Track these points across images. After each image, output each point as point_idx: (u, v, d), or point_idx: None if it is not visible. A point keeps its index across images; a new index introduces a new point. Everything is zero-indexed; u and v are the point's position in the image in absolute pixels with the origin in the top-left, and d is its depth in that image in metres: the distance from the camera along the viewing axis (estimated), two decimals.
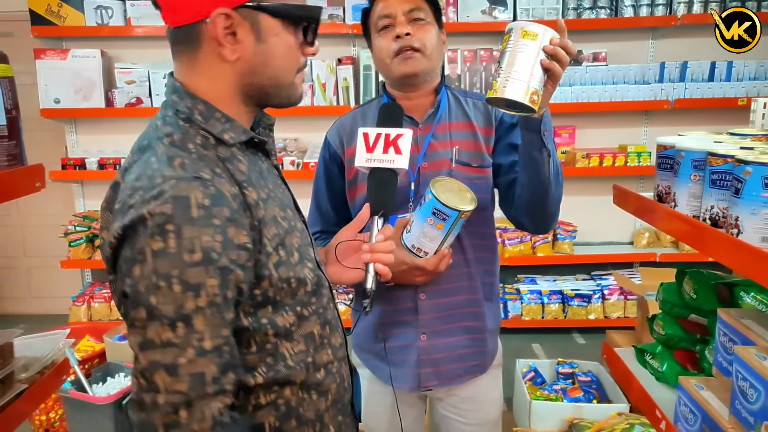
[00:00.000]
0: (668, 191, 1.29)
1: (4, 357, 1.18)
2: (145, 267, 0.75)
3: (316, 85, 3.62)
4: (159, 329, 0.74)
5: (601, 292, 3.83)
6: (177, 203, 0.75)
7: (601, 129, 3.88)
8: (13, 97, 1.19)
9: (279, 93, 0.92)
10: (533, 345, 3.76)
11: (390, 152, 1.10)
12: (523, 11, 3.54)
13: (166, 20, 0.88)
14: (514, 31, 1.15)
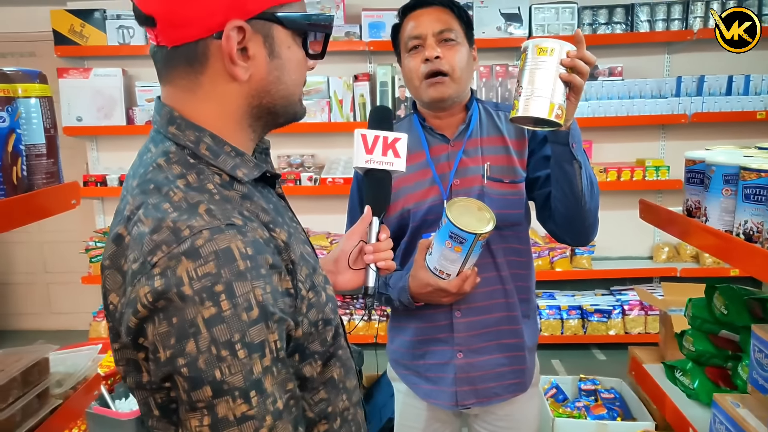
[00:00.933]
0: (698, 206, 1.29)
1: (40, 372, 1.19)
2: (201, 340, 0.65)
3: (334, 102, 3.65)
4: (232, 405, 0.66)
5: (621, 308, 3.80)
6: (220, 259, 0.66)
7: (618, 143, 3.87)
8: (51, 117, 1.22)
9: (288, 111, 0.84)
10: (552, 361, 3.72)
11: (389, 155, 1.08)
12: (538, 27, 3.57)
13: (164, 39, 0.75)
14: (530, 48, 1.15)
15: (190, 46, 0.74)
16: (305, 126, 3.65)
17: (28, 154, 1.16)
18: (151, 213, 0.70)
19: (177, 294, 0.65)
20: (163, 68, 0.78)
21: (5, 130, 1.08)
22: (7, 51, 4.16)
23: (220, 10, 0.72)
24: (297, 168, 3.82)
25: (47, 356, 1.21)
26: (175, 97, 0.78)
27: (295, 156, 3.86)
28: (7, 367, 1.12)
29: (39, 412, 1.17)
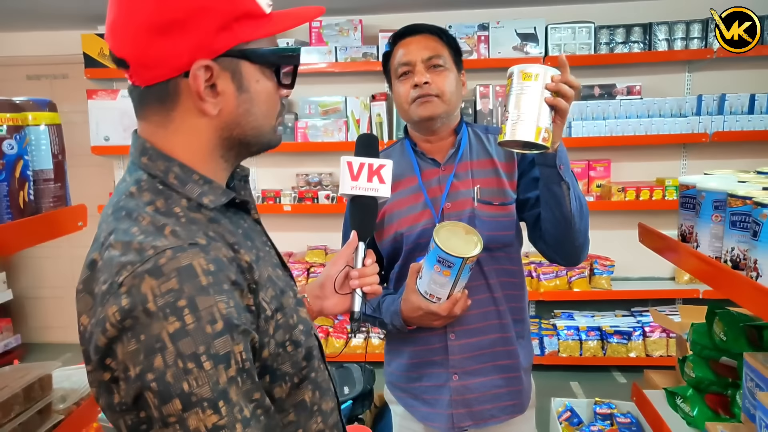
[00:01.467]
0: (691, 231, 1.29)
1: (43, 388, 1.24)
2: (167, 354, 0.67)
3: (351, 121, 3.71)
4: (202, 416, 0.67)
5: (641, 329, 3.73)
6: (182, 275, 0.68)
7: (638, 162, 3.83)
8: (59, 143, 1.28)
9: (260, 141, 0.86)
10: (571, 383, 3.67)
11: (374, 181, 1.12)
12: (554, 47, 3.57)
13: (136, 80, 0.78)
14: (515, 74, 1.18)
15: (161, 86, 0.77)
16: (323, 145, 3.71)
17: (35, 179, 1.22)
18: (121, 237, 0.73)
19: (143, 311, 0.67)
20: (138, 105, 0.82)
21: (13, 157, 1.14)
22: (42, 73, 4.35)
23: (186, 51, 0.75)
24: (315, 186, 3.88)
25: (50, 373, 1.27)
26: (148, 131, 0.82)
27: (313, 174, 3.93)
28: (11, 383, 1.17)
29: (42, 427, 1.21)
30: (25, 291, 4.53)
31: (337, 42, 3.72)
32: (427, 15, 3.81)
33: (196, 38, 0.75)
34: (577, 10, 3.70)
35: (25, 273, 4.54)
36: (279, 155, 4.03)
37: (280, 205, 3.78)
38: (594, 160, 3.78)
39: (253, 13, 0.79)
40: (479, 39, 3.60)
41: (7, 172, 1.13)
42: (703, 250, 1.20)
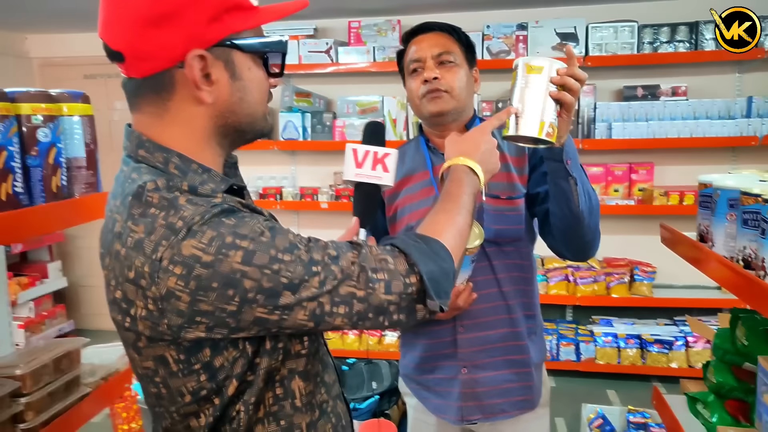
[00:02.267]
0: (707, 230, 1.25)
1: (71, 362, 1.32)
2: (252, 274, 0.75)
3: (388, 121, 3.75)
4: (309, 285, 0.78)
5: (684, 339, 3.60)
6: (213, 225, 0.75)
7: (683, 166, 3.70)
8: (92, 133, 1.37)
9: (254, 128, 0.90)
10: (608, 391, 3.58)
11: (378, 169, 1.12)
12: (595, 46, 3.50)
13: (132, 71, 0.81)
14: (520, 67, 1.15)
15: (156, 77, 0.81)
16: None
17: (68, 166, 1.31)
18: (140, 220, 0.77)
19: (200, 266, 0.74)
20: (132, 97, 0.85)
21: (47, 145, 1.23)
22: (97, 72, 4.58)
23: (180, 42, 0.79)
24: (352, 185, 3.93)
25: (78, 347, 1.35)
26: (143, 123, 0.85)
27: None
28: (42, 355, 1.26)
29: (69, 398, 1.30)
30: (79, 279, 4.77)
31: (375, 42, 3.77)
32: (465, 15, 3.81)
33: (189, 29, 0.79)
34: (619, 9, 3.62)
35: (80, 262, 4.78)
36: (317, 154, 4.10)
37: (318, 202, 3.85)
38: (636, 163, 3.68)
39: (242, 5, 0.83)
40: (517, 39, 3.57)
41: (41, 159, 1.22)
42: (718, 249, 1.18)
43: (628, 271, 3.69)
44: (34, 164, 1.21)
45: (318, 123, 3.86)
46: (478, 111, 3.79)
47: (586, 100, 3.56)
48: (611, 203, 3.56)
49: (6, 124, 1.13)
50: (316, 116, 3.87)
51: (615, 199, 3.62)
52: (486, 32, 3.61)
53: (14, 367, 1.19)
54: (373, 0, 3.50)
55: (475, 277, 1.42)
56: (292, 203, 3.90)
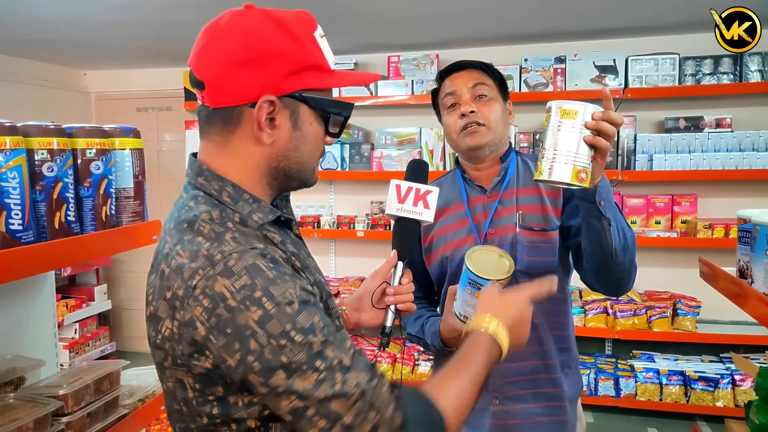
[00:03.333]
0: (747, 266, 1.23)
1: (111, 383, 1.38)
2: (260, 337, 0.77)
3: (425, 152, 3.79)
4: (305, 377, 0.77)
5: (731, 377, 3.45)
6: (251, 272, 0.78)
7: (728, 198, 3.61)
8: (141, 165, 1.44)
9: (301, 177, 0.96)
10: (649, 429, 3.46)
11: (419, 205, 1.16)
12: (635, 78, 3.48)
13: (208, 101, 0.89)
14: (553, 110, 1.15)
15: (228, 110, 0.88)
16: (398, 174, 3.80)
17: (117, 196, 1.38)
18: (187, 246, 0.83)
19: (224, 308, 0.77)
20: (204, 124, 0.93)
21: (99, 176, 1.30)
22: (149, 106, 4.80)
23: (257, 85, 0.86)
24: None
25: (119, 369, 1.40)
26: (208, 151, 0.92)
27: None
28: (84, 376, 1.31)
29: (107, 418, 1.34)
30: (123, 303, 4.92)
31: (414, 76, 3.84)
32: (503, 49, 3.85)
33: (269, 77, 0.86)
34: (660, 42, 3.60)
35: (124, 286, 4.94)
36: (355, 183, 4.17)
37: (354, 230, 3.90)
38: (679, 195, 3.60)
39: (321, 67, 0.90)
40: (555, 72, 3.59)
41: (93, 189, 1.30)
42: (758, 286, 1.15)
43: (671, 305, 3.58)
44: (86, 195, 1.28)
45: (356, 153, 3.93)
46: (515, 142, 3.79)
47: (626, 132, 3.53)
48: (652, 235, 3.49)
49: (63, 158, 1.21)
50: (355, 147, 3.94)
51: (657, 231, 3.54)
52: (524, 65, 3.64)
53: (58, 387, 1.24)
54: (411, 35, 3.59)
55: None
56: (329, 231, 3.96)
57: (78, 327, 4.14)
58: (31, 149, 1.16)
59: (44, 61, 4.40)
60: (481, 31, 3.52)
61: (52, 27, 3.30)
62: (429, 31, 3.52)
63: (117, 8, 2.91)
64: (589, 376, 3.58)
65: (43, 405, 1.20)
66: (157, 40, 3.67)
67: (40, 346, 1.55)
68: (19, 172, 1.11)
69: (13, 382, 1.30)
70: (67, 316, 4.01)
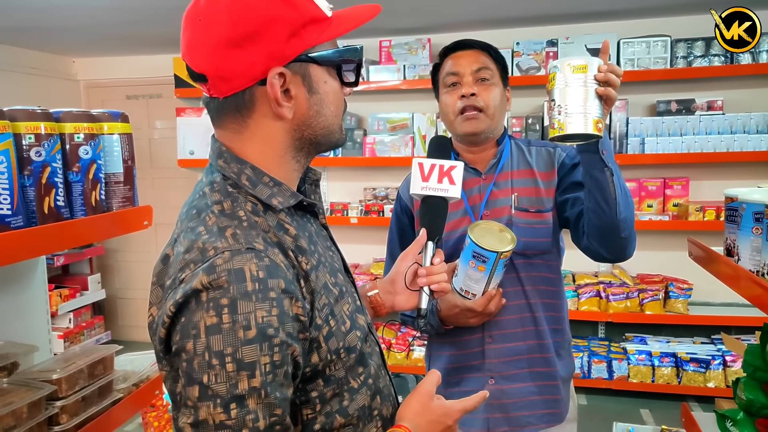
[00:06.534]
0: (734, 245, 1.24)
1: (105, 367, 1.38)
2: (198, 343, 0.72)
3: (417, 137, 3.78)
4: (211, 410, 0.71)
5: (722, 358, 3.50)
6: (231, 276, 0.73)
7: (719, 181, 3.62)
8: (129, 150, 1.43)
9: (329, 140, 0.90)
10: (641, 410, 3.50)
11: (444, 182, 1.14)
12: (627, 61, 3.48)
13: (215, 92, 0.83)
14: (561, 68, 1.18)
15: (237, 95, 0.82)
16: (391, 160, 3.81)
17: (107, 181, 1.38)
18: (188, 235, 0.79)
19: (193, 299, 0.73)
20: (215, 115, 0.87)
21: (87, 161, 1.30)
22: (139, 93, 4.76)
23: (261, 60, 0.80)
24: (382, 200, 3.98)
25: (112, 354, 1.41)
26: (225, 136, 0.87)
27: (381, 189, 4.03)
28: (77, 360, 1.32)
29: (101, 402, 1.35)
30: (117, 292, 4.92)
31: (405, 60, 3.83)
32: (495, 32, 3.83)
33: (269, 48, 0.80)
34: (652, 24, 3.60)
35: (118, 275, 4.93)
36: (348, 169, 4.17)
37: (348, 217, 3.90)
38: (670, 178, 3.62)
39: (318, 18, 0.84)
40: (547, 55, 3.58)
41: (82, 174, 1.29)
42: (744, 264, 1.16)
43: (663, 287, 3.61)
44: (75, 180, 1.27)
45: (349, 140, 3.92)
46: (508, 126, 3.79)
47: (618, 115, 3.53)
48: (644, 218, 3.51)
49: (51, 142, 1.21)
50: (347, 133, 3.94)
51: (649, 214, 3.57)
52: (516, 49, 3.63)
53: (51, 372, 1.25)
54: (403, 19, 3.57)
55: (504, 287, 1.44)
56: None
57: (72, 316, 4.14)
58: (18, 134, 1.15)
59: (32, 49, 4.36)
60: (473, 14, 3.51)
61: (39, 14, 3.26)
62: (421, 16, 3.51)
63: None
64: (582, 358, 3.61)
65: (37, 389, 1.20)
66: (146, 26, 3.64)
67: (33, 333, 1.55)
68: (6, 157, 1.10)
69: (6, 367, 1.30)
70: (61, 306, 4.01)
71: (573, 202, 1.44)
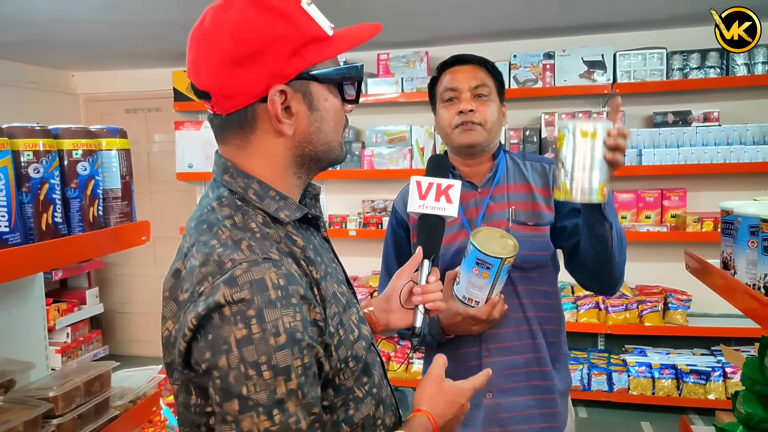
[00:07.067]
0: (730, 258, 1.24)
1: (102, 384, 1.38)
2: (231, 357, 0.73)
3: (415, 149, 3.80)
4: (255, 419, 0.72)
5: (722, 370, 3.48)
6: (254, 287, 0.74)
7: (717, 192, 3.63)
8: (127, 166, 1.44)
9: (329, 156, 0.92)
10: (642, 423, 3.48)
11: (441, 200, 1.15)
12: (623, 73, 3.50)
13: (218, 109, 0.85)
14: (570, 131, 1.16)
15: (240, 112, 0.85)
16: (389, 173, 3.82)
17: (105, 197, 1.38)
18: (202, 249, 0.80)
19: (217, 315, 0.74)
20: (219, 131, 0.89)
21: (85, 177, 1.30)
22: (138, 107, 4.78)
23: (262, 79, 0.82)
24: (380, 213, 3.98)
25: (109, 371, 1.40)
26: (228, 152, 0.89)
27: (379, 201, 4.03)
28: (74, 377, 1.31)
29: (98, 420, 1.34)
30: (116, 306, 4.91)
31: (403, 73, 3.85)
32: (492, 45, 3.86)
33: (271, 66, 0.82)
34: (648, 37, 3.63)
35: (117, 289, 4.92)
36: (346, 182, 4.17)
37: (346, 230, 3.90)
38: (668, 189, 3.63)
39: (319, 37, 0.86)
40: (544, 67, 3.60)
41: (80, 190, 1.30)
42: (740, 277, 1.17)
43: (662, 299, 3.61)
44: (73, 196, 1.28)
45: (347, 152, 3.93)
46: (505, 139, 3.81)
47: None
48: (643, 230, 3.51)
49: (49, 159, 1.21)
50: (345, 146, 3.93)
51: (647, 225, 3.57)
52: (513, 61, 3.65)
53: (48, 389, 1.24)
54: (401, 33, 3.60)
55: None
56: None
57: (70, 331, 4.12)
58: (16, 151, 1.16)
59: (32, 64, 4.38)
60: (470, 27, 3.53)
61: (38, 28, 3.28)
62: (418, 29, 3.53)
63: (105, 8, 2.90)
64: (582, 371, 3.60)
65: (33, 407, 1.20)
66: (145, 40, 3.66)
67: (30, 349, 1.55)
68: (4, 174, 1.11)
69: (3, 385, 1.29)
70: (59, 320, 3.99)
71: (570, 233, 1.47)
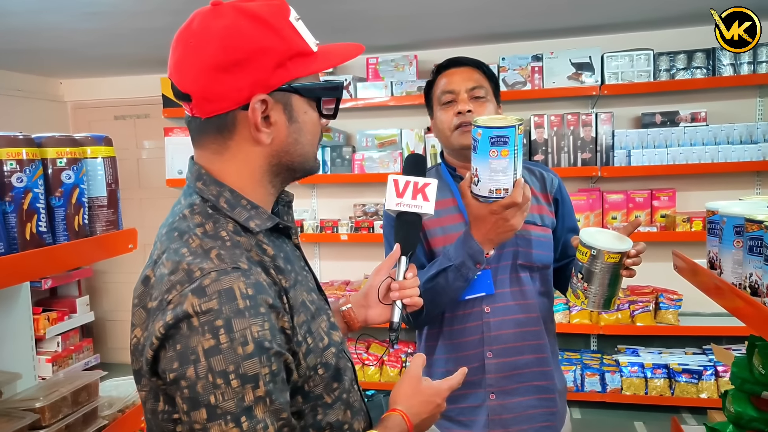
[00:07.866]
0: (716, 257, 1.25)
1: (89, 394, 1.36)
2: (199, 367, 0.74)
3: (406, 153, 3.80)
4: (223, 427, 0.74)
5: (714, 369, 3.50)
6: (222, 297, 0.75)
7: (706, 191, 3.65)
8: (113, 174, 1.43)
9: (305, 167, 0.94)
10: (635, 423, 3.49)
11: (418, 198, 1.16)
12: (611, 75, 3.52)
13: (198, 112, 0.85)
14: (598, 252, 1.29)
15: (220, 117, 0.85)
16: (380, 176, 3.81)
17: (90, 205, 1.37)
18: (171, 257, 0.81)
19: (185, 324, 0.75)
20: (196, 135, 0.89)
21: (70, 186, 1.29)
22: (127, 113, 4.76)
23: (246, 86, 0.83)
24: (371, 216, 3.98)
25: (97, 380, 1.39)
26: (205, 158, 0.89)
27: (370, 205, 4.03)
28: (61, 387, 1.30)
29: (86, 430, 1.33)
30: (106, 314, 4.87)
31: (393, 77, 3.85)
32: (481, 48, 3.87)
33: (256, 75, 0.83)
34: (635, 38, 3.65)
35: (107, 297, 4.89)
36: (337, 186, 4.17)
37: (338, 234, 3.89)
38: (657, 190, 3.65)
39: (304, 52, 0.88)
40: (533, 70, 3.62)
41: (64, 199, 1.29)
42: (726, 276, 1.17)
43: (653, 299, 3.62)
44: (57, 205, 1.27)
45: (338, 156, 3.93)
46: None
47: (604, 128, 3.57)
48: None
49: (32, 168, 1.20)
50: (336, 150, 3.95)
51: None
52: (502, 64, 3.67)
53: (34, 400, 1.23)
54: (390, 36, 3.60)
55: (506, 301, 1.46)
56: (312, 236, 3.95)
57: (60, 340, 4.08)
58: None
59: (18, 71, 4.35)
60: (459, 30, 3.54)
61: (24, 36, 3.26)
62: (407, 32, 3.54)
63: (89, 15, 2.89)
64: (575, 372, 3.60)
65: (18, 419, 1.18)
66: (132, 47, 3.64)
67: (17, 360, 1.53)
68: None
69: None
70: (49, 329, 3.95)
71: (561, 254, 1.54)
